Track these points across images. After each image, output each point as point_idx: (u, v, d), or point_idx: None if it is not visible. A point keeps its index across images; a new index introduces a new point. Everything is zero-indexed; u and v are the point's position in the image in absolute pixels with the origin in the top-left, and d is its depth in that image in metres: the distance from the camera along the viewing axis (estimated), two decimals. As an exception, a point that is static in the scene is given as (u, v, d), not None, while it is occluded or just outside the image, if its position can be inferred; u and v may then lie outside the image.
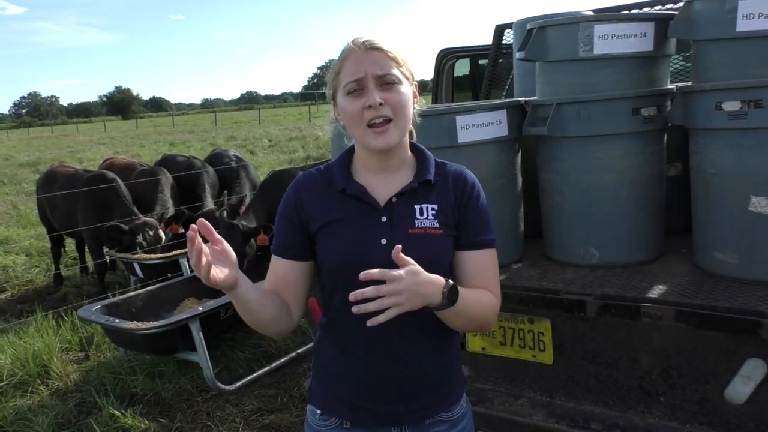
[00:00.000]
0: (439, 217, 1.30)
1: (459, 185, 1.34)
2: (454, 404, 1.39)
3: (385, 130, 1.24)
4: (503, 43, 3.71)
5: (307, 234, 1.33)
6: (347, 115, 1.27)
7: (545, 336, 2.14)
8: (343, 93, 1.26)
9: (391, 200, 1.30)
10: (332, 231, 1.30)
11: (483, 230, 1.35)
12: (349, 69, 1.25)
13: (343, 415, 1.36)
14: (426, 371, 1.33)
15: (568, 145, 2.21)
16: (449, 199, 1.33)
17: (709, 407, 1.89)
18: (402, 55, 1.29)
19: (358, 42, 1.26)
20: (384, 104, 1.23)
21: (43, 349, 3.91)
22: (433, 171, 1.34)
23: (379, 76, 1.24)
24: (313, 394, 1.42)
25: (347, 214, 1.30)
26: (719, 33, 1.91)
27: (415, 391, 1.33)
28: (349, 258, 1.27)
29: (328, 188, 1.33)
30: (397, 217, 1.29)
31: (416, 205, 1.30)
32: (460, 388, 1.42)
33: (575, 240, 2.28)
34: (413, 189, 1.31)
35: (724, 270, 2.01)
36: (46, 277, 6.35)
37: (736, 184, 1.92)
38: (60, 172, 6.03)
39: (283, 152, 16.80)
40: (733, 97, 1.84)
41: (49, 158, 19.19)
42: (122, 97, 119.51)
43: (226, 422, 3.18)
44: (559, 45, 2.17)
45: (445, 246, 1.31)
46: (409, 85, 1.29)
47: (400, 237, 1.27)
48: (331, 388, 1.37)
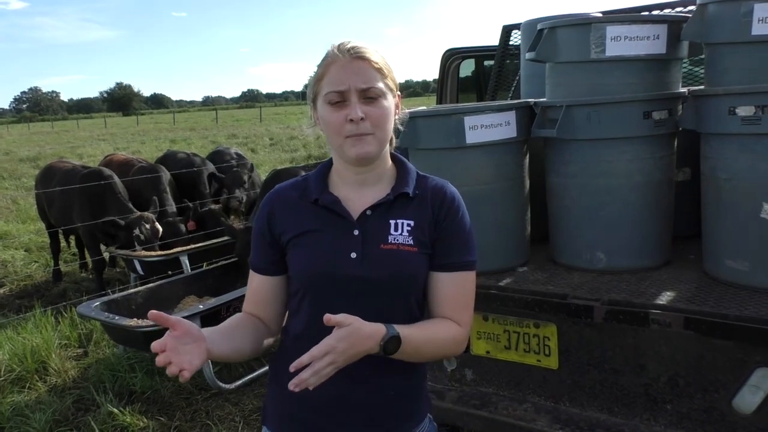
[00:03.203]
0: (415, 233, 1.25)
1: (437, 200, 1.29)
2: (416, 425, 1.33)
3: (362, 140, 1.20)
4: (510, 44, 3.69)
5: (278, 248, 1.30)
6: (327, 125, 1.23)
7: (551, 341, 2.12)
8: (324, 101, 1.22)
9: (365, 213, 1.26)
10: (303, 242, 1.27)
11: (460, 251, 1.28)
12: (332, 78, 1.21)
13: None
14: (388, 394, 1.28)
15: (577, 147, 2.18)
16: (426, 215, 1.27)
17: (717, 417, 1.86)
18: (387, 65, 1.25)
19: (343, 49, 1.22)
20: (365, 119, 1.20)
21: (41, 345, 3.89)
22: (412, 184, 1.29)
23: (362, 90, 1.20)
24: (268, 413, 1.36)
25: (319, 225, 1.26)
26: (734, 36, 1.89)
27: (376, 414, 1.28)
28: (319, 270, 1.24)
29: (301, 199, 1.30)
30: (369, 231, 1.25)
31: (391, 220, 1.26)
32: (424, 409, 1.37)
33: (582, 244, 2.26)
34: (389, 202, 1.26)
35: (734, 277, 1.98)
36: (45, 272, 6.32)
37: (749, 190, 1.89)
38: (58, 167, 6.01)
39: (284, 151, 16.79)
40: (747, 102, 1.82)
41: (49, 153, 19.18)
42: (123, 93, 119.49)
43: (226, 421, 3.15)
44: (571, 46, 2.15)
45: (418, 264, 1.25)
46: (392, 98, 1.26)
47: (371, 252, 1.23)
48: (286, 407, 1.31)
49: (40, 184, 5.97)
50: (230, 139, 21.36)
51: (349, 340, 1.10)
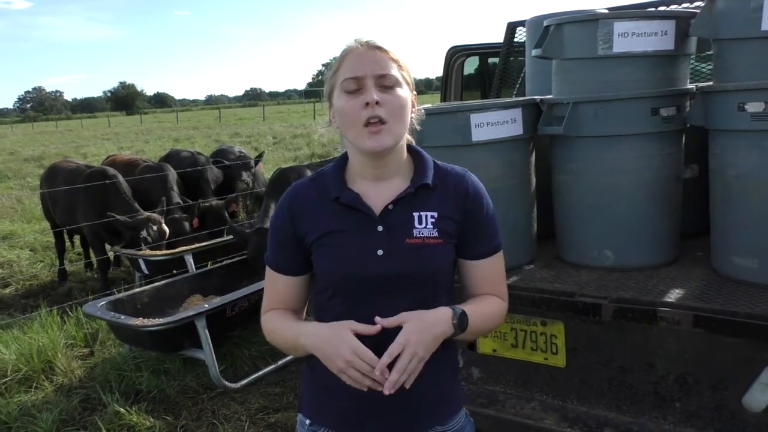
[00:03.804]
0: (439, 225, 1.25)
1: (461, 193, 1.29)
2: (450, 417, 1.33)
3: (379, 131, 1.19)
4: (515, 41, 3.67)
5: (303, 248, 1.29)
6: (343, 114, 1.21)
7: (558, 339, 2.11)
8: (341, 90, 1.22)
9: (387, 207, 1.25)
10: (328, 243, 1.26)
11: (490, 238, 1.32)
12: (349, 66, 1.21)
13: (333, 426, 1.31)
14: (419, 385, 1.26)
15: (584, 144, 2.17)
16: (450, 206, 1.27)
17: (727, 414, 1.85)
18: (404, 59, 1.25)
19: (360, 40, 1.23)
20: (381, 105, 1.19)
21: (47, 345, 3.89)
22: (431, 174, 1.28)
23: (379, 76, 1.19)
24: (303, 402, 1.37)
25: (342, 224, 1.25)
26: (743, 32, 1.87)
27: (408, 404, 1.27)
28: (346, 270, 1.24)
29: (321, 198, 1.28)
30: (393, 226, 1.24)
31: (414, 213, 1.25)
32: (458, 402, 1.37)
33: (590, 242, 2.24)
34: (410, 194, 1.25)
35: (743, 275, 1.97)
36: (50, 272, 6.33)
37: (758, 186, 1.88)
38: (62, 167, 6.02)
39: (287, 149, 16.78)
40: (757, 98, 1.80)
41: (53, 153, 19.23)
42: (126, 92, 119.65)
43: (232, 420, 3.16)
44: (578, 42, 2.13)
45: (444, 256, 1.26)
46: (408, 91, 1.25)
47: (397, 247, 1.23)
48: (321, 399, 1.33)
49: (45, 183, 5.98)
50: (233, 137, 21.37)
51: (418, 330, 1.14)
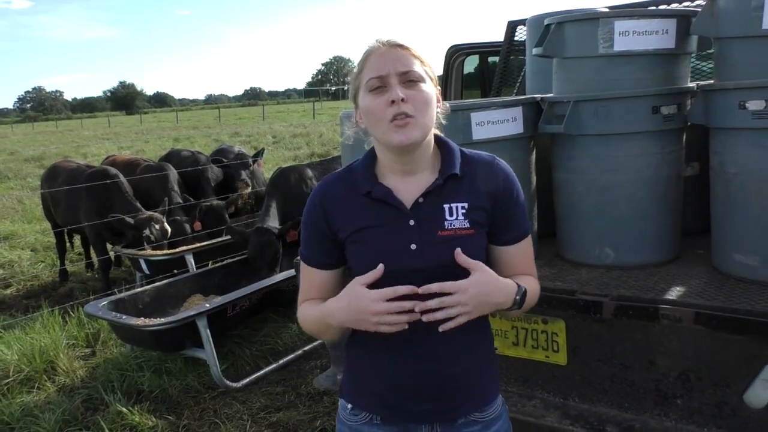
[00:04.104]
0: (470, 215, 1.26)
1: (490, 180, 1.30)
2: (487, 405, 1.36)
3: (405, 124, 1.20)
4: (515, 40, 3.68)
5: (336, 243, 1.32)
6: (369, 114, 1.23)
7: (559, 337, 2.11)
8: (365, 90, 1.24)
9: (418, 201, 1.27)
10: (361, 239, 1.28)
11: (520, 223, 1.34)
12: (372, 65, 1.23)
13: (373, 410, 1.35)
14: (456, 371, 1.30)
15: (585, 143, 2.18)
16: (480, 195, 1.28)
17: (728, 411, 1.86)
18: (425, 56, 1.27)
19: (381, 40, 1.25)
20: (406, 101, 1.20)
21: (49, 345, 3.90)
22: (458, 164, 1.29)
23: (402, 73, 1.21)
24: (345, 388, 1.41)
25: (374, 220, 1.27)
26: (744, 30, 1.87)
27: (444, 390, 1.31)
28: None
29: (352, 193, 1.30)
30: (425, 220, 1.26)
31: (445, 205, 1.26)
32: (495, 389, 1.40)
33: (590, 240, 2.25)
34: (439, 186, 1.27)
35: (743, 272, 1.98)
36: (51, 272, 6.34)
37: (759, 184, 1.88)
38: (63, 167, 6.01)
39: (287, 149, 16.78)
40: (758, 96, 1.81)
41: (53, 153, 19.23)
42: (126, 92, 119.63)
43: (234, 419, 3.16)
44: (578, 41, 2.14)
45: (476, 246, 1.28)
46: (432, 86, 1.26)
47: (429, 240, 1.24)
48: (361, 383, 1.37)
49: (46, 184, 5.98)
50: (233, 137, 21.37)
51: (483, 287, 1.16)
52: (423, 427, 1.33)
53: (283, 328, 4.22)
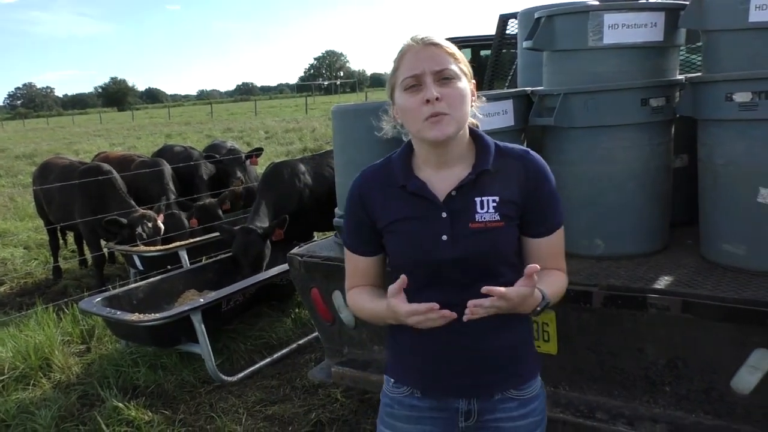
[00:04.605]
0: (501, 209, 1.30)
1: (522, 174, 1.33)
2: (525, 383, 1.41)
3: (440, 120, 1.25)
4: (507, 33, 3.69)
5: (376, 231, 1.38)
6: (405, 111, 1.28)
7: (549, 326, 2.14)
8: (401, 89, 1.28)
9: (451, 194, 1.31)
10: (396, 229, 1.34)
11: (553, 215, 1.37)
12: (407, 64, 1.27)
13: (414, 384, 1.41)
14: (493, 346, 1.35)
15: (575, 135, 2.20)
16: (512, 188, 1.32)
17: (716, 397, 1.89)
18: (459, 53, 1.30)
19: (416, 38, 1.28)
20: (441, 99, 1.24)
21: (44, 342, 3.89)
22: (491, 159, 1.33)
23: (436, 72, 1.25)
24: (389, 368, 1.48)
25: (408, 211, 1.33)
26: (731, 23, 1.90)
27: (482, 365, 1.36)
28: (413, 257, 1.32)
29: (388, 185, 1.35)
30: (457, 212, 1.30)
31: (477, 198, 1.31)
32: (533, 369, 1.44)
33: (581, 231, 2.27)
34: (471, 181, 1.31)
35: (731, 261, 2.01)
36: (45, 269, 6.32)
37: (745, 175, 1.92)
38: (55, 164, 5.98)
39: (279, 144, 16.74)
40: (745, 88, 1.84)
41: (45, 150, 19.10)
42: (118, 88, 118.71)
43: (229, 413, 3.18)
44: (568, 34, 2.16)
45: (507, 238, 1.32)
46: (467, 82, 1.30)
47: (460, 232, 1.29)
48: (403, 359, 1.43)
49: (38, 181, 5.95)
50: (225, 132, 21.30)
51: (522, 299, 1.20)
52: (461, 401, 1.39)
53: (277, 323, 4.23)
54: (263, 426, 3.05)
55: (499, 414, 1.39)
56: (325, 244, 2.89)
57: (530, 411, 1.40)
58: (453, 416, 1.40)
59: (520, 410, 1.39)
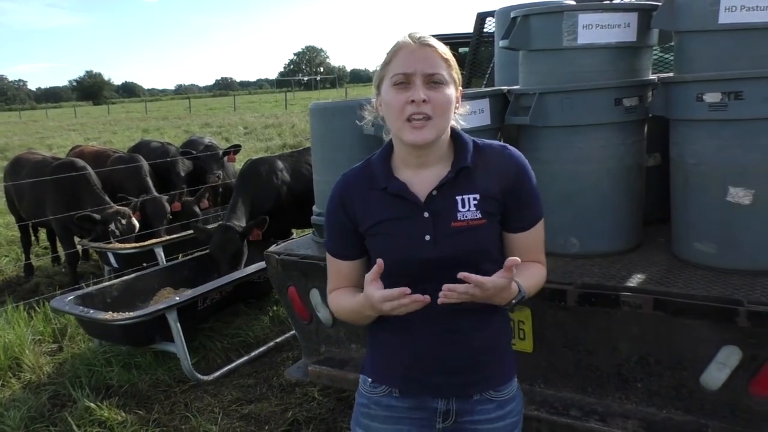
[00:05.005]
0: (482, 206, 1.31)
1: (502, 169, 1.34)
2: (503, 384, 1.41)
3: (422, 126, 1.25)
4: (485, 32, 3.70)
5: (358, 234, 1.39)
6: (389, 107, 1.28)
7: (525, 324, 2.15)
8: (389, 84, 1.28)
9: (432, 194, 1.32)
10: (378, 231, 1.34)
11: (533, 209, 1.37)
12: (400, 61, 1.27)
13: (393, 383, 1.42)
14: (474, 347, 1.36)
15: (550, 134, 2.22)
16: (492, 184, 1.32)
17: (686, 393, 1.92)
18: (452, 58, 1.31)
19: (413, 36, 1.28)
20: (427, 102, 1.24)
21: (14, 341, 3.81)
22: (469, 156, 1.33)
23: (428, 74, 1.25)
24: (366, 365, 1.48)
25: (390, 213, 1.33)
26: (701, 24, 1.93)
27: (460, 365, 1.37)
28: (397, 258, 1.31)
29: (369, 187, 1.36)
30: (438, 212, 1.31)
31: (458, 197, 1.31)
32: (510, 371, 1.44)
33: (556, 229, 2.28)
34: (452, 179, 1.31)
35: (702, 259, 2.04)
36: (16, 267, 6.19)
37: (715, 174, 1.95)
38: (27, 159, 5.86)
39: (259, 140, 16.62)
40: (714, 89, 1.86)
41: (17, 144, 18.70)
42: (93, 82, 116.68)
43: (205, 413, 3.15)
44: (543, 34, 2.17)
45: (489, 235, 1.33)
46: (454, 89, 1.30)
47: (442, 232, 1.30)
48: (382, 359, 1.43)
49: (9, 176, 5.82)
50: (204, 128, 21.07)
51: (498, 291, 1.21)
52: (439, 401, 1.39)
53: (254, 321, 4.20)
54: (239, 425, 3.03)
55: (477, 416, 1.39)
56: (303, 242, 2.87)
57: (507, 412, 1.41)
58: (431, 417, 1.40)
59: (498, 411, 1.40)
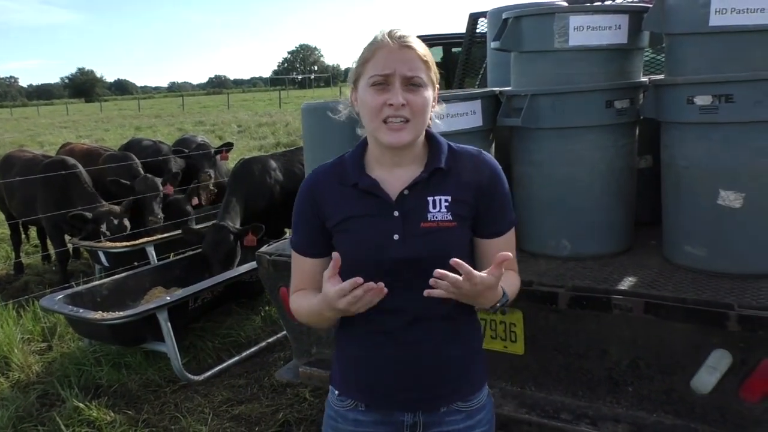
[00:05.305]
0: (453, 208, 1.29)
1: (476, 174, 1.32)
2: (471, 395, 1.39)
3: (400, 129, 1.24)
4: (477, 32, 3.70)
5: (325, 232, 1.35)
6: (366, 106, 1.26)
7: (517, 327, 2.15)
8: (367, 83, 1.25)
9: (403, 193, 1.30)
10: (347, 228, 1.31)
11: (505, 215, 1.36)
12: (379, 61, 1.24)
13: (358, 398, 1.39)
14: (442, 359, 1.33)
15: (542, 136, 2.21)
16: (464, 189, 1.31)
17: (676, 397, 1.92)
18: (431, 59, 1.29)
19: (393, 35, 1.25)
20: (405, 105, 1.23)
21: (2, 340, 3.79)
22: (444, 158, 1.32)
23: (407, 77, 1.23)
24: (333, 375, 1.45)
25: (360, 210, 1.31)
26: (692, 27, 1.93)
27: (430, 378, 1.34)
28: (364, 255, 1.29)
29: (340, 183, 1.33)
30: (408, 211, 1.29)
31: (429, 197, 1.30)
32: (480, 380, 1.42)
33: (548, 232, 2.29)
34: (424, 180, 1.30)
35: (692, 263, 2.04)
36: (5, 265, 6.15)
37: (706, 177, 1.95)
38: (17, 157, 5.82)
39: (252, 138, 16.57)
40: (705, 92, 1.86)
41: (8, 142, 18.56)
42: (85, 79, 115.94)
43: (195, 413, 3.13)
44: (535, 35, 2.16)
45: (458, 238, 1.31)
46: (432, 91, 1.29)
47: (412, 231, 1.28)
48: (348, 371, 1.40)
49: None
50: (197, 126, 20.99)
51: (485, 290, 1.18)
52: (406, 414, 1.37)
53: (246, 320, 4.18)
54: (229, 426, 3.01)
55: (446, 427, 1.37)
56: (293, 243, 2.85)
57: (477, 422, 1.39)
58: (398, 430, 1.38)
59: (467, 422, 1.37)
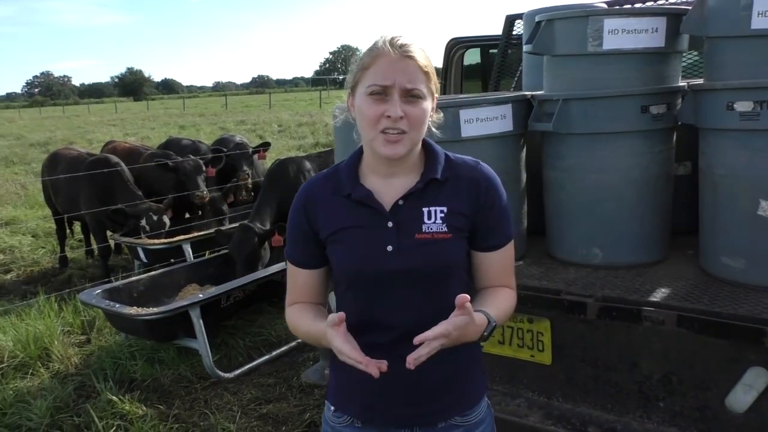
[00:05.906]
0: (449, 220, 1.26)
1: (473, 187, 1.29)
2: (469, 408, 1.36)
3: (396, 141, 1.21)
4: (513, 34, 3.64)
5: (319, 242, 1.33)
6: (363, 116, 1.24)
7: (544, 336, 2.10)
8: (365, 92, 1.22)
9: (398, 203, 1.27)
10: (340, 239, 1.29)
11: (504, 229, 1.33)
12: (379, 71, 1.20)
13: (354, 413, 1.37)
14: (440, 375, 1.31)
15: (574, 142, 2.16)
16: (461, 200, 1.28)
17: (710, 415, 1.85)
18: (432, 68, 1.26)
19: (394, 44, 1.21)
20: (403, 118, 1.20)
21: (44, 332, 3.92)
22: (440, 168, 1.29)
23: (406, 89, 1.20)
24: (330, 390, 1.44)
25: (354, 220, 1.28)
26: (733, 30, 1.85)
27: (427, 394, 1.31)
28: (357, 267, 1.27)
29: (335, 193, 1.31)
30: (403, 222, 1.26)
31: (424, 208, 1.26)
32: (479, 393, 1.39)
33: (579, 239, 2.23)
34: (419, 190, 1.27)
35: (729, 275, 1.96)
36: (51, 258, 6.38)
37: (746, 186, 1.86)
38: (63, 155, 6.04)
39: (292, 138, 16.76)
40: (746, 97, 1.78)
41: (59, 138, 19.29)
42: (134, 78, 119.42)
43: (224, 410, 3.18)
44: (568, 39, 2.11)
45: (454, 251, 1.27)
46: (431, 101, 1.26)
47: (406, 243, 1.25)
48: (344, 387, 1.38)
49: (46, 172, 6.01)
50: (239, 125, 21.35)
51: (464, 330, 1.16)
52: (403, 431, 1.34)
53: (277, 320, 4.23)
54: (256, 425, 3.05)
55: None
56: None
57: None
58: None
59: None
